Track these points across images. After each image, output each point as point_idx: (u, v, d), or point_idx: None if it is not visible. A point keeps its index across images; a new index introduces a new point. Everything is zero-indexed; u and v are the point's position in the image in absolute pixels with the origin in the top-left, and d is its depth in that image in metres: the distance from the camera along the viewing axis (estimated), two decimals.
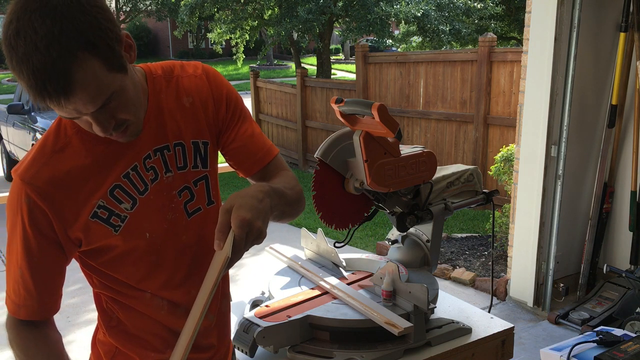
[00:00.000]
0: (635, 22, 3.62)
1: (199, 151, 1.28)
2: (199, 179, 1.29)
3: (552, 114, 3.59)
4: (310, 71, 10.15)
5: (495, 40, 6.05)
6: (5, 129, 8.28)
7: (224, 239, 1.08)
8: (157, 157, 1.23)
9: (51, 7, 0.95)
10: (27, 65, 0.94)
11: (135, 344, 1.30)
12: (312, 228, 5.44)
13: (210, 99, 1.29)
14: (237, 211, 1.07)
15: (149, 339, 1.30)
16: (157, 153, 1.23)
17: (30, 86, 0.96)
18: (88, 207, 1.17)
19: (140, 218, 1.22)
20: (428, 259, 1.87)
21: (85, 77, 0.97)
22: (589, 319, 3.51)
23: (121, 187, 1.19)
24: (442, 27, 13.35)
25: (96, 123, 1.05)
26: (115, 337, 1.30)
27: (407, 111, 7.02)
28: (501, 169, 4.61)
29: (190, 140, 1.27)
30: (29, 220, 1.14)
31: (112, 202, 1.19)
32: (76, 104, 1.00)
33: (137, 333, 1.29)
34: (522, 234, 3.87)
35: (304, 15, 12.68)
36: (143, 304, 1.27)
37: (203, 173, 1.30)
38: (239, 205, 1.08)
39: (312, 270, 1.83)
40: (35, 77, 0.95)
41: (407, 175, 1.66)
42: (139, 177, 1.21)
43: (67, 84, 0.96)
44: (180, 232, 1.27)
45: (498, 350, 1.71)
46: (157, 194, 1.23)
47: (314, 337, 1.54)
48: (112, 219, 1.19)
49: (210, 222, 1.29)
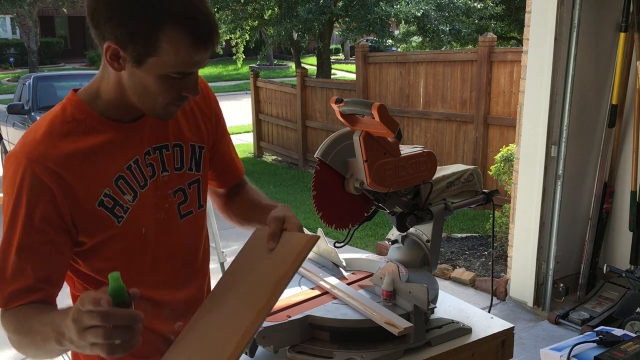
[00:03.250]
0: (635, 22, 3.62)
1: (194, 155, 1.31)
2: (192, 182, 1.31)
3: (552, 114, 3.59)
4: (310, 71, 10.16)
5: (495, 40, 6.05)
6: (5, 129, 8.29)
7: (276, 242, 1.18)
8: (156, 154, 1.25)
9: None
10: (197, 13, 1.05)
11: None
12: (312, 228, 5.44)
13: (208, 110, 1.35)
14: (293, 219, 1.21)
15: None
16: (156, 151, 1.25)
17: (197, 32, 1.05)
18: (95, 193, 1.16)
19: (139, 212, 1.22)
20: (428, 259, 1.87)
21: None
22: (589, 319, 3.51)
23: (124, 178, 1.20)
24: (442, 27, 13.36)
25: (195, 82, 1.13)
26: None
27: (407, 111, 7.02)
28: (501, 169, 4.61)
29: (188, 143, 1.30)
30: (33, 200, 1.10)
31: (117, 192, 1.19)
32: (207, 55, 1.10)
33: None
34: (522, 234, 3.87)
35: (304, 15, 12.69)
36: None
37: (197, 176, 1.32)
38: (292, 215, 1.22)
39: (312, 270, 1.83)
40: (203, 25, 1.05)
41: (407, 175, 1.66)
42: (140, 171, 1.22)
43: (217, 35, 1.09)
44: (171, 233, 1.28)
45: (498, 350, 1.71)
46: (154, 191, 1.25)
47: (314, 337, 1.54)
48: (116, 209, 1.19)
49: (198, 226, 1.33)
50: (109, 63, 1.09)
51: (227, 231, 5.14)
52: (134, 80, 1.10)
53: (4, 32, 31.31)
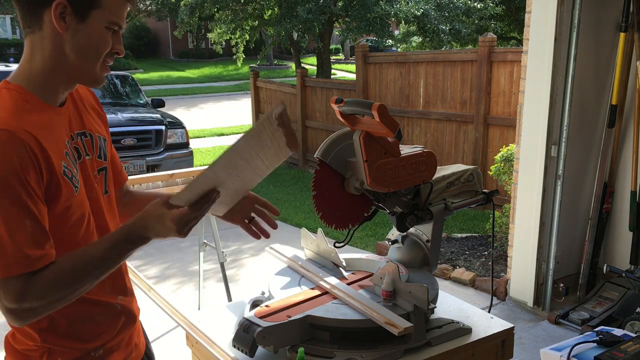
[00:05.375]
0: (635, 22, 3.62)
1: (101, 145, 1.40)
2: (101, 169, 1.39)
3: (552, 114, 3.59)
4: (310, 71, 10.16)
5: (495, 40, 6.05)
6: None
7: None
8: (79, 139, 1.33)
9: None
10: None
11: (69, 338, 1.31)
12: (312, 228, 5.44)
13: (102, 111, 1.48)
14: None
15: (80, 328, 1.32)
16: (79, 136, 1.33)
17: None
18: (60, 162, 1.22)
19: (82, 185, 1.29)
20: (428, 259, 1.87)
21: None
22: (589, 319, 3.51)
23: (67, 153, 1.26)
24: (442, 27, 13.36)
25: (120, 39, 1.26)
26: (50, 337, 1.28)
27: (407, 111, 7.02)
28: (501, 169, 4.61)
29: (96, 134, 1.39)
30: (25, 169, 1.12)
31: (69, 163, 1.25)
32: (127, 12, 1.26)
33: (70, 327, 1.30)
34: (522, 234, 3.87)
35: (303, 15, 12.69)
36: None
37: (104, 165, 1.41)
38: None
39: (312, 270, 1.83)
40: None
41: (407, 175, 1.66)
42: (74, 148, 1.30)
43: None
44: (100, 210, 1.37)
45: (498, 350, 1.71)
46: (84, 170, 1.32)
47: (314, 337, 1.54)
48: (73, 179, 1.25)
49: (113, 208, 1.43)
50: (56, 22, 1.17)
51: (227, 231, 5.14)
52: (78, 37, 1.20)
53: (4, 32, 31.32)
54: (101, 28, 1.21)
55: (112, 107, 7.68)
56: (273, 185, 7.85)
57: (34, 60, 1.22)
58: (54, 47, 1.20)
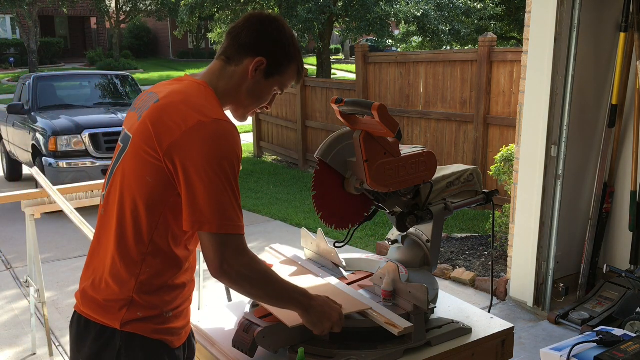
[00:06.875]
0: (635, 22, 3.62)
1: None
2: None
3: (552, 114, 3.59)
4: (310, 71, 10.16)
5: (495, 40, 6.04)
6: (5, 129, 8.27)
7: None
8: None
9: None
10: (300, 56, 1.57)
11: (157, 295, 1.47)
12: (312, 228, 5.44)
13: None
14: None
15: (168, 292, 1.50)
16: None
17: (300, 68, 1.57)
18: None
19: None
20: (428, 259, 1.87)
21: None
22: (589, 319, 3.51)
23: None
24: (442, 27, 13.37)
25: (274, 100, 1.58)
26: (145, 287, 1.43)
27: (407, 111, 7.02)
28: (501, 169, 4.61)
29: None
30: (240, 158, 1.39)
31: None
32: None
33: (161, 289, 1.47)
34: (522, 234, 3.87)
35: (303, 15, 12.69)
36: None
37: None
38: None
39: (312, 270, 1.83)
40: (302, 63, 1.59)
41: (407, 175, 1.66)
42: None
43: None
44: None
45: (498, 350, 1.71)
46: None
47: (314, 337, 1.54)
48: None
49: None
50: (251, 69, 1.48)
51: None
52: (256, 86, 1.50)
53: (4, 32, 31.32)
54: (272, 88, 1.53)
55: (112, 107, 7.67)
56: (273, 185, 7.84)
57: (220, 81, 1.49)
58: (237, 84, 1.49)
